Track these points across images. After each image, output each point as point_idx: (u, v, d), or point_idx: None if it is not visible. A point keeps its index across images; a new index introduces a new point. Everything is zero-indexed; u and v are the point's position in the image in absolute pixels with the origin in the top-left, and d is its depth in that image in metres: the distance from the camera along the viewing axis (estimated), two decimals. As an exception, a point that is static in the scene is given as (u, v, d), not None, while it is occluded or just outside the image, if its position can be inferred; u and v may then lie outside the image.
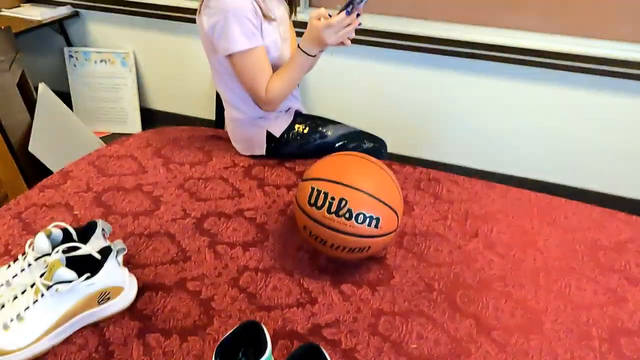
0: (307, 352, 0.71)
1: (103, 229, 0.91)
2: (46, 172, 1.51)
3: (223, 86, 1.27)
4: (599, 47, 1.67)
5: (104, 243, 0.90)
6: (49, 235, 0.86)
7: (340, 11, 1.04)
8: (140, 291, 0.91)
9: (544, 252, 1.08)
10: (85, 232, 0.90)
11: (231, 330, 0.72)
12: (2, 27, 1.78)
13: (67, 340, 0.82)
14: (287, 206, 1.18)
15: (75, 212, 1.10)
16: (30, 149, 1.71)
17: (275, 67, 1.21)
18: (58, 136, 1.92)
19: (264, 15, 1.15)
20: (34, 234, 0.88)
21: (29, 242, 0.85)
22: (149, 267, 0.97)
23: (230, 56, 1.15)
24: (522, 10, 1.72)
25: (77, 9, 2.33)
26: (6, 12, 2.24)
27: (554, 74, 1.79)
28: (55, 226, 0.88)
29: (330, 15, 1.07)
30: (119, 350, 0.81)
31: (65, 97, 2.33)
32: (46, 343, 0.79)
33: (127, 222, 1.09)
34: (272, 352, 0.75)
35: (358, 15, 1.06)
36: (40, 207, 1.11)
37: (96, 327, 0.84)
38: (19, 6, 2.32)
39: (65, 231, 0.89)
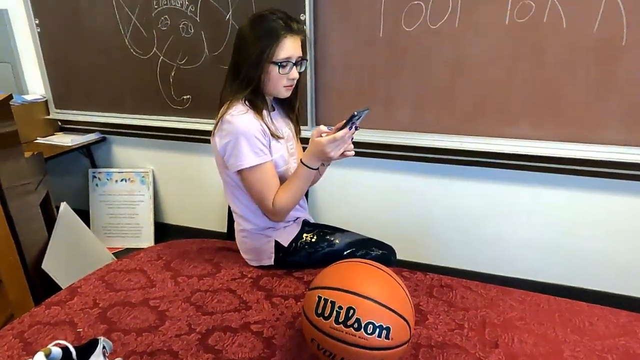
0: None
1: (104, 347, 0.88)
2: (57, 290, 1.51)
3: (233, 199, 1.33)
4: (591, 150, 1.72)
5: (103, 362, 0.86)
6: (47, 355, 0.83)
7: (344, 126, 1.13)
8: (137, 418, 0.85)
9: (574, 363, 1.00)
10: (86, 350, 0.87)
11: None
12: (35, 153, 1.94)
13: None
14: (296, 318, 1.14)
15: (78, 330, 1.08)
16: (44, 266, 1.73)
17: (283, 179, 1.27)
18: (73, 255, 1.95)
19: (272, 135, 1.24)
20: (33, 354, 0.85)
21: (26, 363, 0.82)
22: (148, 390, 0.91)
23: (240, 172, 1.23)
24: (514, 121, 1.83)
25: (105, 135, 2.55)
26: (41, 140, 2.46)
27: (555, 177, 1.84)
28: (56, 344, 0.85)
29: (330, 129, 1.15)
30: None
31: (84, 214, 2.43)
32: None
33: (130, 339, 1.05)
34: None
35: (356, 128, 1.15)
36: (44, 326, 1.09)
37: None
38: (53, 134, 2.55)
39: (65, 349, 0.86)
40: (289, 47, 1.18)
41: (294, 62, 1.21)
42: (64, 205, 2.07)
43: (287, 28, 1.18)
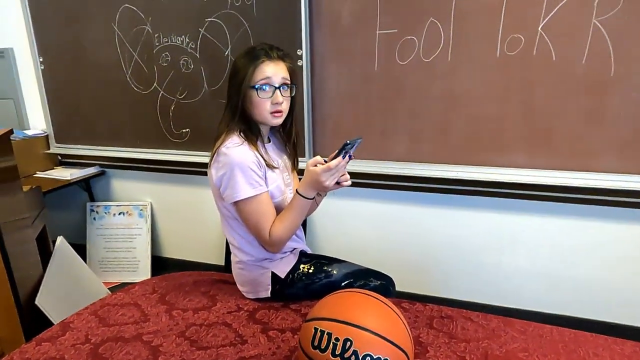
0: None
1: (94, 384, 0.85)
2: (50, 326, 1.47)
3: (230, 230, 1.32)
4: (587, 178, 1.72)
5: (92, 400, 0.83)
6: (35, 393, 0.80)
7: (337, 155, 1.14)
8: None
9: (580, 396, 0.97)
10: (75, 388, 0.85)
11: None
12: (33, 187, 1.94)
13: None
14: (292, 352, 1.11)
15: (68, 367, 1.05)
16: (37, 301, 1.69)
17: (279, 209, 1.27)
18: (67, 290, 1.92)
19: (268, 165, 1.25)
20: (21, 392, 0.82)
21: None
22: None
23: (235, 203, 1.23)
24: (509, 150, 1.84)
25: (104, 169, 2.56)
26: (40, 174, 2.48)
27: (553, 206, 1.84)
28: (44, 382, 0.83)
29: (325, 161, 1.16)
30: None
31: (81, 248, 2.41)
32: None
33: (121, 376, 1.02)
34: None
35: (350, 157, 1.15)
36: (34, 363, 1.06)
37: None
38: (53, 168, 2.57)
39: (53, 387, 0.83)
40: (266, 71, 1.21)
41: (276, 85, 1.23)
42: (60, 239, 2.05)
43: (267, 55, 1.22)
